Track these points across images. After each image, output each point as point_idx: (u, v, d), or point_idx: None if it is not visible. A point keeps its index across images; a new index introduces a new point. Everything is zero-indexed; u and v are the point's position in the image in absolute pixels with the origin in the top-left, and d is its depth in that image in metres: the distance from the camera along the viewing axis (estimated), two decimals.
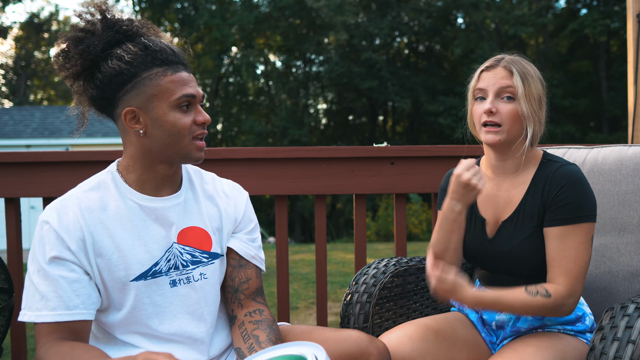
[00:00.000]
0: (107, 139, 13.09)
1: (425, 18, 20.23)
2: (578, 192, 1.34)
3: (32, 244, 1.19)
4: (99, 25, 1.19)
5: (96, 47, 1.16)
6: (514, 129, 1.37)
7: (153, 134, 1.18)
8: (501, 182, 1.46)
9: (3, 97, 23.51)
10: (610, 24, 17.38)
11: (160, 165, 1.23)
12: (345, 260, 8.36)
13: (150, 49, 1.17)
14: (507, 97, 1.37)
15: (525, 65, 1.39)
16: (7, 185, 2.13)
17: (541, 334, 1.40)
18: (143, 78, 1.16)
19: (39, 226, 1.18)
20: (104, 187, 1.24)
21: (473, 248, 1.49)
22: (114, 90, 1.17)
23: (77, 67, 1.17)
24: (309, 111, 23.49)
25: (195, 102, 1.20)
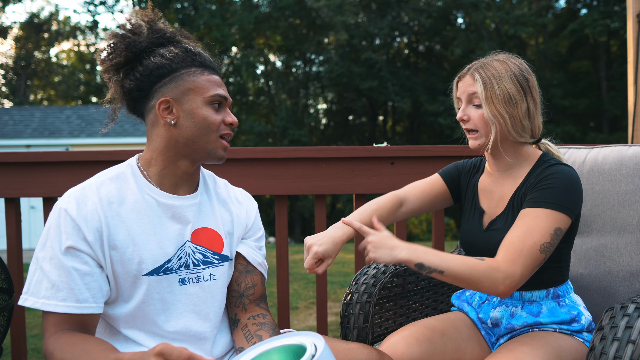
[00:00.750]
0: (107, 139, 13.10)
1: (425, 18, 20.23)
2: (559, 182, 1.32)
3: (47, 229, 1.19)
4: (145, 30, 1.27)
5: (141, 43, 1.24)
6: (490, 132, 1.40)
7: (184, 126, 1.23)
8: (498, 178, 1.49)
9: (3, 97, 23.52)
10: (610, 24, 17.38)
11: (183, 161, 1.27)
12: (345, 260, 8.36)
13: (191, 52, 1.26)
14: (475, 104, 1.41)
15: (494, 67, 1.39)
16: (7, 185, 2.13)
17: (536, 333, 1.40)
18: (182, 73, 1.24)
19: (57, 213, 1.18)
20: (122, 179, 1.26)
21: (469, 237, 1.51)
22: (151, 82, 1.24)
23: (121, 58, 1.23)
24: (309, 111, 23.50)
25: (226, 104, 1.28)
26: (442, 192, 1.61)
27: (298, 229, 20.85)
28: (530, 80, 1.40)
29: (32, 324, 4.82)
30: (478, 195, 1.54)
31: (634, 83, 2.63)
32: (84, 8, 31.02)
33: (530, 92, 1.39)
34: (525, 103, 1.38)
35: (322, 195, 2.22)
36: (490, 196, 1.50)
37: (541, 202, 1.31)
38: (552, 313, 1.42)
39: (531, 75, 1.42)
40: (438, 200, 1.62)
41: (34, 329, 4.65)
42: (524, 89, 1.38)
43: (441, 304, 1.86)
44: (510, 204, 1.43)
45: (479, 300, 1.56)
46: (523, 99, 1.38)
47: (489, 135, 1.41)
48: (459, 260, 1.28)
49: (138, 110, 1.29)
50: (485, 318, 1.52)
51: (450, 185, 1.61)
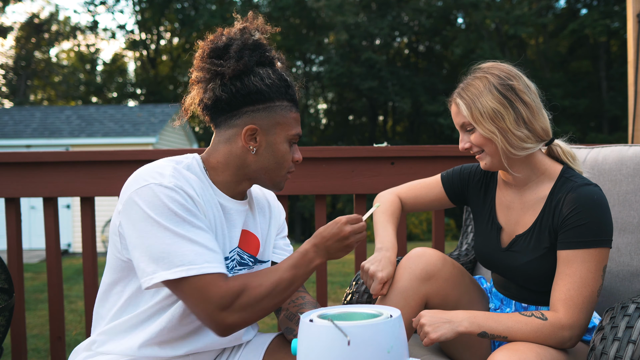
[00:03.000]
0: (107, 139, 13.09)
1: (425, 18, 20.22)
2: (592, 214, 1.28)
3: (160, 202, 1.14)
4: (251, 42, 1.27)
5: (251, 60, 1.25)
6: (493, 151, 1.37)
7: (262, 156, 1.28)
8: (517, 192, 1.45)
9: (3, 97, 23.52)
10: (610, 24, 17.37)
11: (246, 182, 1.32)
12: (345, 260, 8.36)
13: (286, 82, 1.29)
14: (468, 130, 1.39)
15: (474, 86, 1.36)
16: (7, 185, 2.13)
17: None
18: (276, 105, 1.27)
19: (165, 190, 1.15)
20: (196, 173, 1.27)
21: (487, 254, 1.49)
22: (245, 103, 1.25)
23: (230, 70, 1.23)
24: (309, 111, 23.50)
25: (297, 140, 1.33)
26: (439, 197, 1.62)
27: (298, 229, 20.85)
28: (516, 85, 1.34)
29: (32, 324, 4.82)
30: (495, 210, 1.50)
31: (634, 83, 2.62)
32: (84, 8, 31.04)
33: (518, 98, 1.33)
34: (513, 112, 1.32)
35: (322, 195, 2.22)
36: (509, 212, 1.46)
37: (582, 243, 1.28)
38: None
39: (517, 79, 1.35)
40: (435, 203, 1.63)
41: (34, 329, 4.65)
42: (509, 98, 1.32)
43: None
44: (535, 226, 1.38)
45: (493, 305, 1.55)
46: (509, 109, 1.32)
47: (493, 154, 1.37)
48: (520, 324, 1.26)
49: (216, 118, 1.29)
50: None
51: (451, 193, 1.60)
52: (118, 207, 1.22)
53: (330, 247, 1.21)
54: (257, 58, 1.26)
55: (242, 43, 1.26)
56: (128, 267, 1.24)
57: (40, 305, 5.64)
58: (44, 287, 6.58)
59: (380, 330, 0.94)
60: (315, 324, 0.96)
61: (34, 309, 5.45)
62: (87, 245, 2.20)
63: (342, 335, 0.91)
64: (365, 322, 0.95)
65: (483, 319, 1.27)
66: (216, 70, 1.24)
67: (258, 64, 1.27)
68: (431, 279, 1.41)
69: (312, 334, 0.96)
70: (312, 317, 1.00)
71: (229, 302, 1.13)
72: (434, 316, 1.26)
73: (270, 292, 1.17)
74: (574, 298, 1.25)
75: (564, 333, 1.25)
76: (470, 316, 1.27)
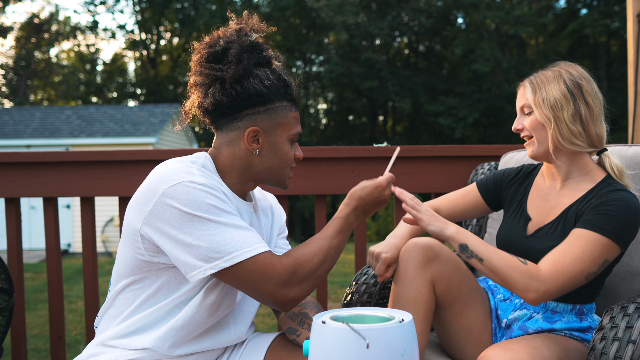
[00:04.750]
0: (107, 139, 13.09)
1: (425, 18, 20.22)
2: (620, 211, 1.30)
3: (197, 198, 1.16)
4: (248, 43, 1.28)
5: (250, 62, 1.26)
6: (542, 138, 1.42)
7: (266, 156, 1.30)
8: (555, 188, 1.48)
9: (3, 97, 23.52)
10: (610, 24, 17.36)
11: (251, 183, 1.34)
12: (345, 260, 8.36)
13: (284, 82, 1.30)
14: (527, 112, 1.45)
15: (545, 75, 1.43)
16: (7, 185, 2.13)
17: (545, 334, 1.40)
18: (276, 106, 1.28)
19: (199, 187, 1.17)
20: (211, 172, 1.28)
21: (509, 240, 1.51)
22: (246, 106, 1.26)
23: (229, 74, 1.23)
24: (309, 111, 23.49)
25: (297, 139, 1.35)
26: (476, 202, 1.64)
27: (298, 229, 20.85)
28: (584, 86, 1.40)
29: (32, 324, 4.82)
30: (527, 202, 1.53)
31: (634, 83, 2.63)
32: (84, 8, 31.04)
33: (582, 97, 1.39)
34: (573, 107, 1.38)
35: (322, 195, 2.22)
36: (542, 205, 1.49)
37: (599, 228, 1.29)
38: (568, 323, 1.42)
39: (587, 81, 1.42)
40: (471, 210, 1.65)
41: (34, 329, 4.65)
42: (574, 94, 1.38)
43: None
44: (563, 216, 1.41)
45: (502, 297, 1.55)
46: (570, 103, 1.38)
47: (542, 141, 1.42)
48: (501, 255, 1.30)
49: (217, 122, 1.30)
50: (502, 317, 1.52)
51: (486, 196, 1.64)
52: (142, 208, 1.19)
53: (368, 209, 1.30)
54: (255, 59, 1.27)
55: (240, 46, 1.26)
56: (149, 267, 1.24)
57: (40, 305, 5.64)
58: (44, 287, 6.58)
59: (396, 334, 0.95)
60: (331, 327, 0.96)
61: (34, 309, 5.45)
62: (87, 245, 2.20)
63: (359, 338, 0.92)
64: (382, 325, 0.96)
65: (470, 235, 1.34)
66: (216, 75, 1.24)
67: (256, 65, 1.28)
68: (433, 262, 1.43)
69: (327, 336, 0.95)
70: (325, 319, 1.00)
71: (287, 278, 1.17)
72: (433, 214, 1.36)
73: (324, 261, 1.23)
74: (563, 262, 1.27)
75: (534, 283, 1.27)
76: (460, 229, 1.35)
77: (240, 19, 1.32)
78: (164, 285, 1.25)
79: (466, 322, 1.48)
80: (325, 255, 1.23)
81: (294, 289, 1.18)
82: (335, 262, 1.27)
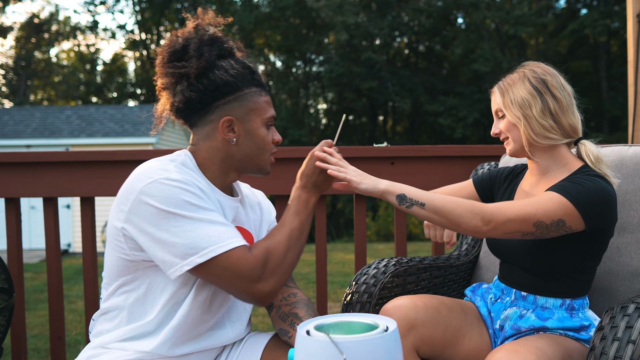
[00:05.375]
0: (107, 139, 13.09)
1: (425, 18, 20.22)
2: (591, 187, 1.32)
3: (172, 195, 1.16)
4: (207, 37, 1.29)
5: (212, 55, 1.27)
6: (516, 137, 1.46)
7: (243, 144, 1.30)
8: (537, 182, 1.51)
9: (3, 97, 23.51)
10: (610, 24, 17.37)
11: (233, 173, 1.35)
12: (345, 260, 8.36)
13: (249, 69, 1.31)
14: (500, 116, 1.50)
15: (511, 78, 1.48)
16: (7, 185, 2.13)
17: (545, 334, 1.40)
18: (245, 93, 1.29)
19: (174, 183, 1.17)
20: (191, 169, 1.29)
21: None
22: (215, 97, 1.27)
23: (193, 69, 1.25)
24: (309, 111, 23.49)
25: (273, 122, 1.36)
26: (470, 197, 1.68)
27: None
28: (549, 80, 1.44)
29: (32, 324, 4.82)
30: (514, 198, 1.56)
31: (634, 83, 2.63)
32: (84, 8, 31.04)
33: (548, 92, 1.42)
34: (541, 103, 1.41)
35: (322, 195, 2.22)
36: (527, 198, 1.50)
37: (562, 190, 1.32)
38: (560, 321, 1.42)
39: (551, 75, 1.45)
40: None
41: (34, 329, 4.65)
42: (539, 90, 1.43)
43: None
44: None
45: (493, 297, 1.56)
46: (537, 99, 1.42)
47: (516, 140, 1.46)
48: (442, 196, 1.32)
49: (190, 119, 1.31)
50: (496, 318, 1.52)
51: (481, 191, 1.68)
52: (121, 208, 1.21)
53: (316, 180, 1.29)
54: (216, 52, 1.28)
55: (199, 40, 1.28)
56: (136, 267, 1.24)
57: (40, 305, 5.64)
58: (44, 287, 6.58)
59: (377, 345, 0.95)
60: (312, 338, 0.96)
61: (34, 309, 5.45)
62: (87, 245, 2.20)
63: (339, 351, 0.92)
64: (362, 336, 0.95)
65: (405, 185, 1.33)
66: (180, 72, 1.26)
67: (219, 57, 1.29)
68: (411, 331, 1.41)
69: (309, 347, 0.96)
70: (309, 329, 1.01)
71: (259, 272, 1.17)
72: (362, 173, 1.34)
73: (289, 246, 1.23)
74: (513, 203, 1.31)
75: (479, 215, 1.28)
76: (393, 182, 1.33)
77: (195, 16, 1.33)
78: (153, 284, 1.25)
79: (462, 353, 1.49)
80: (289, 239, 1.23)
81: (267, 282, 1.18)
82: (302, 246, 1.26)
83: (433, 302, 1.47)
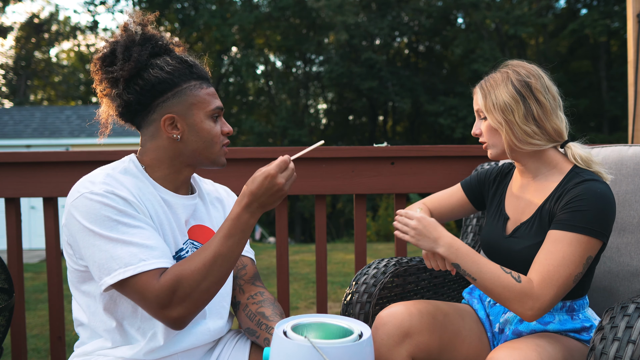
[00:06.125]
0: (107, 139, 13.04)
1: (425, 18, 20.21)
2: (591, 204, 1.28)
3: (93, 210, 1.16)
4: (139, 37, 1.28)
5: (142, 55, 1.25)
6: (497, 141, 1.43)
7: (189, 140, 1.28)
8: (526, 185, 1.48)
9: (3, 97, 23.51)
10: (610, 24, 17.36)
11: (186, 169, 1.33)
12: (345, 260, 8.36)
13: (187, 63, 1.29)
14: (481, 117, 1.47)
15: (494, 78, 1.43)
16: (7, 185, 2.13)
17: (546, 333, 1.40)
18: (184, 88, 1.27)
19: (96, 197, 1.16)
20: (133, 174, 1.28)
21: (491, 242, 1.51)
22: (153, 96, 1.25)
23: (124, 72, 1.24)
24: (309, 111, 23.49)
25: (221, 114, 1.33)
26: (461, 202, 1.64)
27: (298, 229, 20.84)
28: (532, 83, 1.38)
29: (32, 324, 4.82)
30: (504, 201, 1.53)
31: (634, 83, 2.62)
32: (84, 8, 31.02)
33: (532, 96, 1.37)
34: (524, 108, 1.36)
35: (322, 195, 2.22)
36: (517, 203, 1.49)
37: (573, 227, 1.28)
38: (561, 324, 1.41)
39: (536, 78, 1.39)
40: (457, 210, 1.65)
41: (34, 329, 4.65)
42: (522, 94, 1.37)
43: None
44: (538, 214, 1.40)
45: (491, 300, 1.56)
46: (520, 104, 1.36)
47: (497, 146, 1.43)
48: (494, 274, 1.28)
49: (135, 121, 1.31)
50: (495, 322, 1.52)
51: (471, 195, 1.64)
52: (62, 221, 1.23)
53: (265, 202, 1.17)
54: (149, 50, 1.27)
55: (127, 42, 1.27)
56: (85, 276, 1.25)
57: (40, 305, 5.64)
58: (44, 287, 6.58)
59: (354, 351, 0.97)
60: (292, 341, 0.97)
61: (34, 309, 5.45)
62: None
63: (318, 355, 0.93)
64: (341, 342, 0.97)
65: (463, 253, 1.31)
66: (113, 76, 1.25)
67: (153, 55, 1.27)
68: (406, 339, 1.41)
69: (287, 349, 0.97)
70: (286, 329, 1.01)
71: (166, 300, 1.13)
72: (425, 228, 1.34)
73: (208, 273, 1.15)
74: (550, 273, 1.26)
75: (529, 302, 1.25)
76: (453, 245, 1.32)
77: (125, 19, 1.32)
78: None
79: (460, 357, 1.49)
80: (209, 268, 1.14)
81: (175, 309, 1.13)
82: (228, 271, 1.18)
83: (428, 308, 1.46)
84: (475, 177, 1.66)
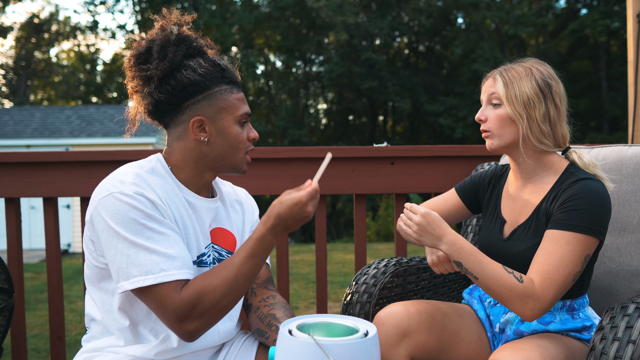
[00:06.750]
0: (107, 139, 13.08)
1: (425, 18, 20.21)
2: (587, 202, 1.29)
3: (121, 211, 1.15)
4: (174, 37, 1.28)
5: (177, 56, 1.25)
6: (506, 133, 1.41)
7: (216, 143, 1.28)
8: (522, 186, 1.47)
9: (3, 97, 23.51)
10: (610, 24, 17.36)
11: (209, 172, 1.33)
12: (345, 260, 8.36)
13: (219, 67, 1.29)
14: (495, 103, 1.42)
15: (517, 70, 1.41)
16: (7, 185, 2.13)
17: (547, 333, 1.40)
18: (215, 92, 1.27)
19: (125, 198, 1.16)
20: (160, 175, 1.28)
21: (488, 245, 1.51)
22: (184, 98, 1.25)
23: (158, 71, 1.24)
24: (309, 111, 23.48)
25: (249, 119, 1.34)
26: (457, 207, 1.64)
27: (298, 229, 20.85)
28: (553, 86, 1.40)
29: (32, 324, 4.82)
30: (501, 204, 1.53)
31: (634, 83, 2.62)
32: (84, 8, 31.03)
33: (551, 98, 1.38)
34: (544, 107, 1.37)
35: (322, 195, 2.22)
36: (513, 205, 1.49)
37: (571, 226, 1.29)
38: (562, 323, 1.41)
39: (555, 81, 1.41)
40: (454, 215, 1.65)
41: (34, 329, 4.65)
42: (544, 93, 1.38)
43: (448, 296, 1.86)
44: (535, 214, 1.41)
45: (491, 300, 1.55)
46: (542, 103, 1.37)
47: (502, 137, 1.41)
48: (496, 274, 1.28)
49: (163, 120, 1.31)
50: (495, 322, 1.52)
51: (466, 199, 1.64)
52: (87, 217, 1.23)
53: (290, 226, 1.17)
54: (183, 51, 1.27)
55: (163, 41, 1.26)
56: (106, 273, 1.25)
57: (40, 305, 5.64)
58: (44, 287, 6.58)
59: (359, 349, 0.97)
60: (297, 339, 0.97)
61: (34, 309, 5.45)
62: None
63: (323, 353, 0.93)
64: (346, 340, 0.97)
65: (466, 252, 1.30)
66: (146, 75, 1.25)
67: (187, 56, 1.27)
68: (404, 339, 1.41)
69: (292, 347, 0.97)
70: (291, 328, 1.02)
71: (185, 313, 1.13)
72: (428, 224, 1.31)
73: (229, 291, 1.15)
74: (550, 273, 1.26)
75: (531, 302, 1.26)
76: (456, 243, 1.30)
77: (160, 16, 1.32)
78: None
79: (460, 357, 1.49)
80: (231, 286, 1.15)
81: (192, 323, 1.13)
82: (245, 289, 1.18)
83: (427, 308, 1.46)
84: (470, 181, 1.65)
